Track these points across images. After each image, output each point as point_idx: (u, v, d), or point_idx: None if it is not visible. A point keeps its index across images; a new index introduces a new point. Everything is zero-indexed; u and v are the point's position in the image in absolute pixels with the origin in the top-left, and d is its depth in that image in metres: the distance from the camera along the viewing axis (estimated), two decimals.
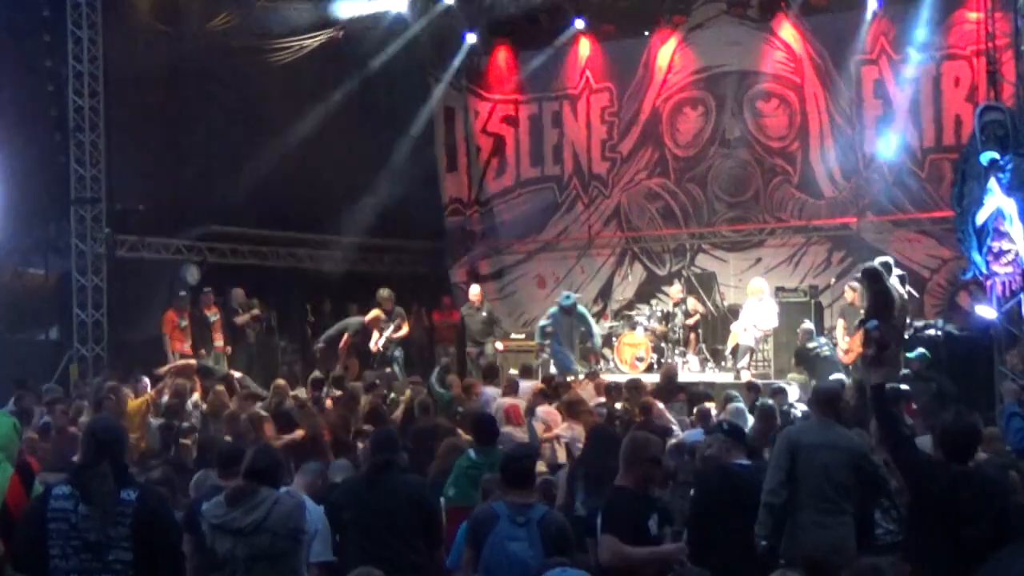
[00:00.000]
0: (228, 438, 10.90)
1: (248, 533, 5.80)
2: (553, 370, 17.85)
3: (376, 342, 18.54)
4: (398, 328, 18.86)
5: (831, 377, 13.96)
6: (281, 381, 15.15)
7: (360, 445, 11.37)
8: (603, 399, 13.78)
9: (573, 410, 12.46)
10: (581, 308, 18.52)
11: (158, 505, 5.49)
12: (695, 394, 14.64)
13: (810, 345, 16.38)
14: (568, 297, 18.39)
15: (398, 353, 18.81)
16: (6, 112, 18.19)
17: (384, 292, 18.95)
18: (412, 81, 22.47)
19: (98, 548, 5.17)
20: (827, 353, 16.10)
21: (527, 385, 14.84)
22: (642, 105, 22.10)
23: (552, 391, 14.29)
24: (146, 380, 15.20)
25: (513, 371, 17.43)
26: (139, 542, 5.19)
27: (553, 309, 18.40)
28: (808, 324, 17.01)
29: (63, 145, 18.03)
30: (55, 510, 5.23)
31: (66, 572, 5.18)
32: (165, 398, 13.91)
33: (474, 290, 20.37)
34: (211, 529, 5.95)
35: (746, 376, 17.14)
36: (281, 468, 6.34)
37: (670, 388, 14.74)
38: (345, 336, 18.44)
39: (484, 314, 19.80)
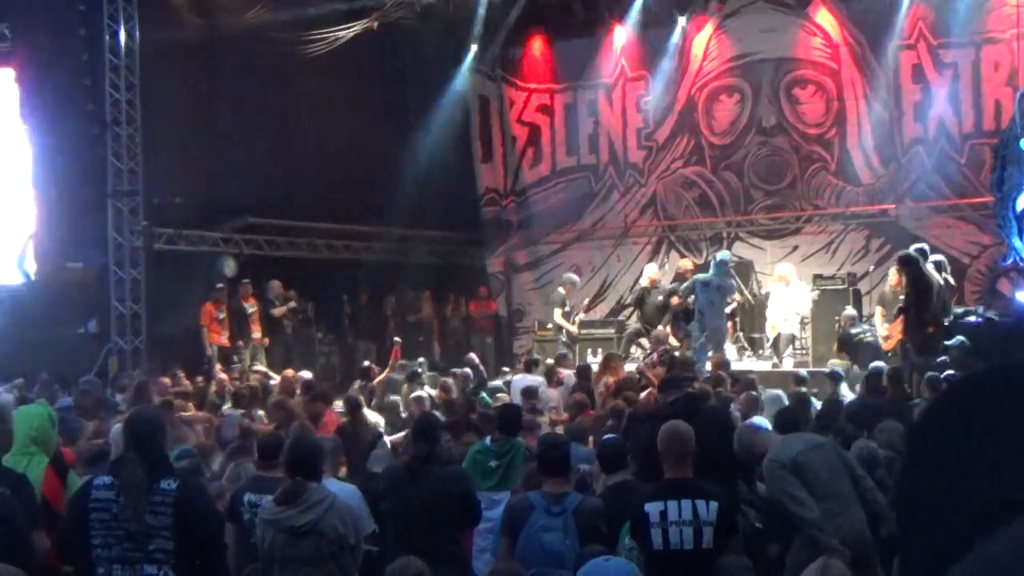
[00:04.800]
0: None
1: (301, 534, 5.79)
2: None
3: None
4: None
5: (872, 364, 13.66)
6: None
7: None
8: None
9: None
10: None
11: (197, 495, 5.53)
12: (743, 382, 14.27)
13: (853, 331, 16.18)
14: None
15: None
16: (43, 106, 18.36)
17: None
18: (447, 71, 22.42)
19: (139, 537, 5.20)
20: (870, 339, 15.94)
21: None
22: (678, 93, 21.98)
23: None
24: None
25: (549, 360, 17.22)
26: (180, 531, 5.22)
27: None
28: (851, 310, 16.81)
29: (100, 139, 18.12)
30: (97, 500, 5.26)
31: (108, 561, 5.22)
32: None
33: (651, 269, 19.10)
34: (263, 524, 5.96)
35: (789, 364, 17.03)
36: (321, 457, 6.32)
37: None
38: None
39: (661, 297, 18.24)
